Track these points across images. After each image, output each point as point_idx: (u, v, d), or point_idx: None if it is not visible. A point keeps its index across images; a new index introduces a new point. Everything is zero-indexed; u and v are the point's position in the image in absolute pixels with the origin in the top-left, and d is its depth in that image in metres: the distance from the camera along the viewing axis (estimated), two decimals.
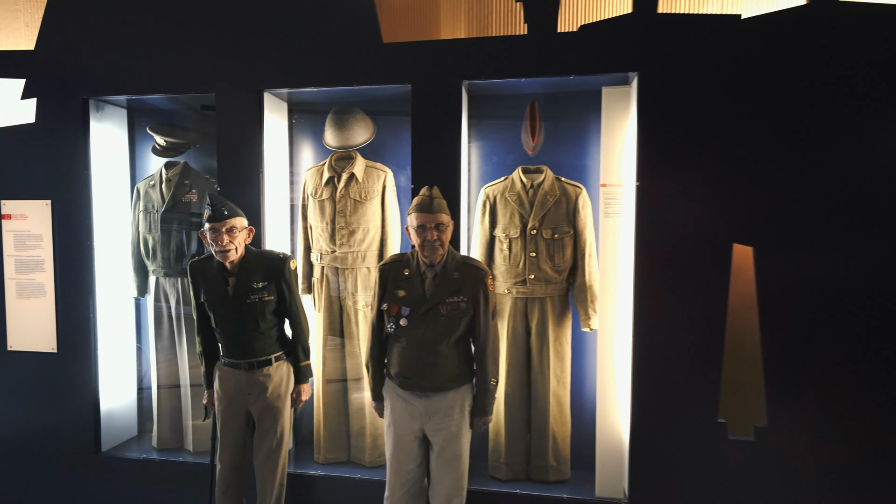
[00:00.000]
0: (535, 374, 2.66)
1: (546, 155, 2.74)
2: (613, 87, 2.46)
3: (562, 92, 2.76)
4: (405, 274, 2.15)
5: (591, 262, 2.61)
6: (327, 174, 2.80)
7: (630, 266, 2.42)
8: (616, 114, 2.46)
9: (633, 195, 2.40)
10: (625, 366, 2.50)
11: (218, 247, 2.26)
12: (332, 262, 2.83)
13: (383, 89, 2.73)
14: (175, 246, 2.96)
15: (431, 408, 2.13)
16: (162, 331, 3.08)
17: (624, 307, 2.50)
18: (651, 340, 2.39)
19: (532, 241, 2.60)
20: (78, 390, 2.97)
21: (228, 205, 2.30)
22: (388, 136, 3.00)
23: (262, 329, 2.36)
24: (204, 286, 2.37)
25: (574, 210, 2.60)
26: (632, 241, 2.40)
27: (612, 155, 2.47)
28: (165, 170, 3.02)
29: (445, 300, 2.08)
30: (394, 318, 2.14)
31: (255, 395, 2.39)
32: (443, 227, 2.07)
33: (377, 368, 2.26)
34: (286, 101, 3.00)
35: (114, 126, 3.14)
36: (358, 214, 2.78)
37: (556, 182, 2.63)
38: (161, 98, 2.98)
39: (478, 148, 2.90)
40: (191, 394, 3.05)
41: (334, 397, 2.91)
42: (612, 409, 2.56)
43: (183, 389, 3.09)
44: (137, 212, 3.05)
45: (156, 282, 3.04)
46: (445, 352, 2.11)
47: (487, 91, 2.78)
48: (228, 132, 2.76)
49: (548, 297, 2.63)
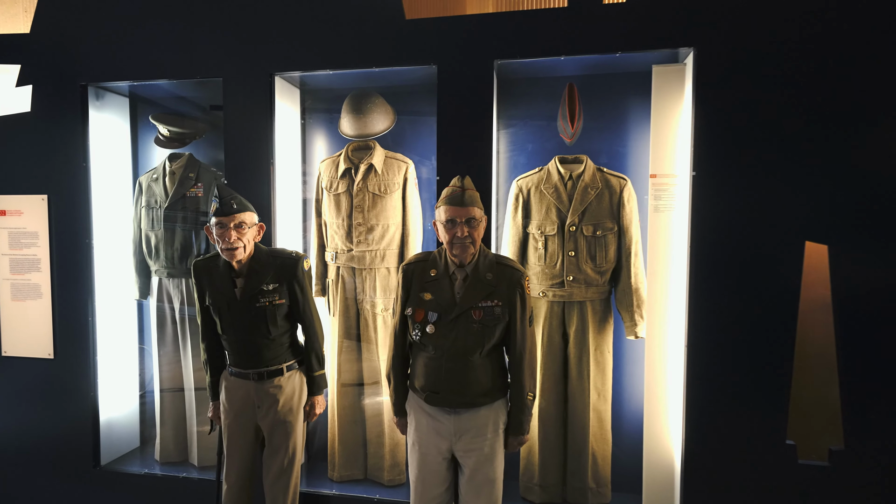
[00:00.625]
0: (573, 386, 2.40)
1: (585, 143, 2.48)
2: (665, 66, 2.19)
3: (603, 73, 2.51)
4: (432, 275, 1.91)
5: (637, 261, 2.34)
6: (343, 165, 2.56)
7: (683, 266, 2.16)
8: (668, 95, 2.20)
9: (687, 186, 2.14)
10: (676, 378, 2.23)
11: (225, 244, 2.04)
12: (349, 261, 2.59)
13: (405, 72, 2.49)
14: (179, 244, 2.74)
15: (462, 426, 1.89)
16: (165, 336, 2.87)
17: (675, 312, 2.23)
18: (707, 350, 2.12)
19: (571, 239, 2.34)
20: (76, 399, 2.78)
21: (238, 198, 2.08)
22: (409, 125, 2.76)
23: (272, 335, 2.14)
24: (209, 288, 2.15)
25: (618, 204, 2.33)
26: (685, 239, 2.15)
27: (663, 142, 2.20)
28: (169, 162, 2.80)
29: (478, 304, 1.85)
30: (419, 324, 1.90)
31: (264, 409, 2.17)
32: (475, 223, 1.84)
33: (399, 380, 2.03)
34: (298, 88, 2.77)
35: (115, 115, 2.94)
36: (377, 210, 2.54)
37: (597, 173, 2.37)
38: (165, 85, 2.77)
39: (508, 136, 2.65)
40: (195, 403, 2.83)
41: (350, 409, 2.67)
42: (662, 426, 2.29)
43: (187, 399, 2.87)
44: (139, 207, 2.84)
45: (159, 283, 2.83)
46: (478, 363, 1.87)
47: (519, 73, 2.52)
48: (236, 120, 2.54)
49: (588, 301, 2.37)
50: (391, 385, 2.05)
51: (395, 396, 2.05)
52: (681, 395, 2.18)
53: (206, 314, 2.20)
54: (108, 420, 2.90)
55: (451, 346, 1.85)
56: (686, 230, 2.14)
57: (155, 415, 2.94)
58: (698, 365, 2.13)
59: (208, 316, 2.20)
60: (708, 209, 2.10)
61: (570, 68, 2.47)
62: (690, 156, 2.11)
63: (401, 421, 2.08)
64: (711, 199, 2.09)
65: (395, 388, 2.04)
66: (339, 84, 2.74)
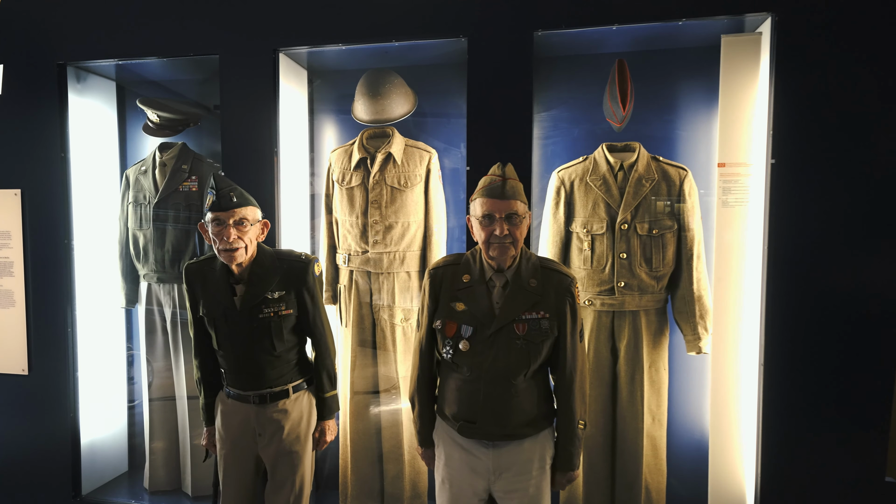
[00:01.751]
0: (624, 409, 2.09)
1: (634, 129, 2.16)
2: (736, 36, 1.88)
3: (655, 49, 2.19)
4: (464, 281, 1.61)
5: (700, 265, 2.03)
6: (358, 155, 2.25)
7: (757, 270, 1.85)
8: (739, 71, 1.89)
9: (763, 177, 1.83)
10: (749, 401, 1.92)
11: (223, 244, 1.74)
12: (364, 264, 2.27)
13: (429, 47, 2.18)
14: (171, 245, 2.43)
15: (503, 462, 1.60)
16: (155, 348, 2.55)
17: (748, 325, 1.92)
18: (787, 369, 1.81)
19: (622, 239, 2.03)
20: (53, 420, 2.49)
21: (238, 190, 1.77)
22: (431, 109, 2.44)
23: (277, 351, 1.83)
24: (204, 295, 1.84)
25: (678, 198, 2.02)
26: (760, 238, 1.84)
27: (733, 126, 1.89)
28: (159, 153, 2.49)
29: (521, 317, 1.55)
30: (451, 339, 1.60)
31: (267, 437, 1.86)
32: (517, 219, 1.54)
33: (426, 405, 1.72)
34: (305, 68, 2.46)
35: (99, 101, 2.63)
36: (396, 205, 2.22)
37: (652, 162, 2.06)
38: (156, 65, 2.45)
39: (543, 122, 2.33)
40: (188, 418, 2.51)
41: (364, 433, 2.36)
42: (731, 456, 1.97)
43: (180, 419, 2.56)
44: (126, 204, 2.53)
45: (148, 289, 2.51)
46: (522, 387, 1.58)
47: (558, 49, 2.21)
48: (235, 104, 2.23)
49: (641, 311, 2.05)
50: (415, 410, 1.74)
51: (421, 424, 1.74)
52: (754, 420, 1.87)
53: (200, 326, 1.89)
54: (91, 443, 2.59)
55: (490, 367, 1.55)
56: (762, 228, 1.84)
57: (144, 433, 2.61)
58: (776, 386, 1.82)
59: (202, 328, 1.89)
60: (789, 203, 1.79)
61: (616, 43, 2.16)
62: (768, 141, 1.80)
63: (427, 452, 1.77)
64: (793, 191, 1.79)
65: (421, 413, 1.73)
66: (352, 63, 2.42)
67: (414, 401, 1.74)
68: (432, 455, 1.76)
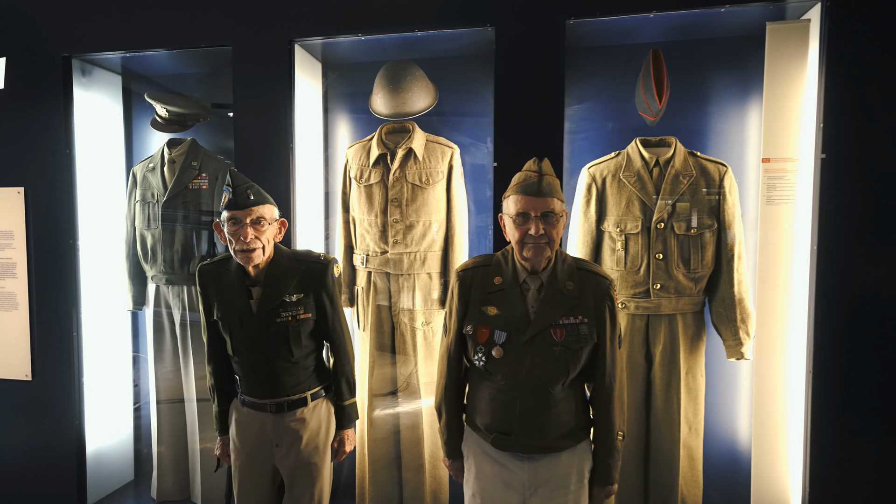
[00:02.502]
0: (659, 418, 1.98)
1: (667, 123, 2.06)
2: (783, 23, 1.77)
3: (688, 39, 2.09)
4: (496, 283, 1.51)
5: (742, 266, 1.92)
6: (377, 151, 2.14)
7: (805, 272, 1.74)
8: (785, 60, 1.78)
9: (811, 173, 1.72)
10: (795, 411, 1.81)
11: (239, 244, 1.64)
12: (383, 265, 2.16)
13: (451, 38, 2.08)
14: (180, 245, 2.33)
15: (539, 476, 1.50)
16: (163, 352, 2.45)
17: (794, 330, 1.82)
18: (837, 375, 1.71)
19: (659, 239, 1.92)
20: (58, 427, 2.39)
21: (255, 187, 1.67)
22: (451, 104, 2.34)
23: (295, 358, 1.73)
24: (218, 298, 1.74)
25: (718, 195, 1.91)
26: (808, 238, 1.73)
27: (779, 118, 1.79)
28: (168, 149, 2.39)
29: (558, 321, 1.45)
30: (483, 346, 1.50)
31: (284, 447, 1.75)
32: (553, 218, 1.44)
33: (453, 415, 1.62)
34: (320, 60, 2.36)
35: (105, 96, 2.52)
36: (417, 204, 2.11)
37: (689, 158, 1.95)
38: (164, 58, 2.35)
39: (571, 115, 2.23)
40: (198, 428, 2.41)
41: (384, 442, 2.25)
42: (776, 465, 1.86)
43: (189, 424, 2.45)
44: (133, 202, 2.42)
45: (156, 291, 2.41)
46: (560, 396, 1.48)
47: (588, 39, 2.11)
48: (248, 98, 2.13)
49: (678, 315, 1.95)
50: (442, 420, 1.64)
51: (448, 435, 1.64)
52: (801, 432, 1.76)
53: (214, 331, 1.79)
54: (97, 451, 2.49)
55: (526, 376, 1.45)
56: (810, 227, 1.73)
57: (152, 446, 2.51)
58: (825, 394, 1.72)
59: (216, 333, 1.78)
60: (840, 200, 1.69)
61: (649, 33, 2.05)
62: (817, 135, 1.70)
63: (454, 464, 1.67)
64: (844, 188, 1.68)
65: (448, 424, 1.63)
66: (369, 55, 2.32)
67: (441, 410, 1.64)
68: (460, 467, 1.66)
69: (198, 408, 2.41)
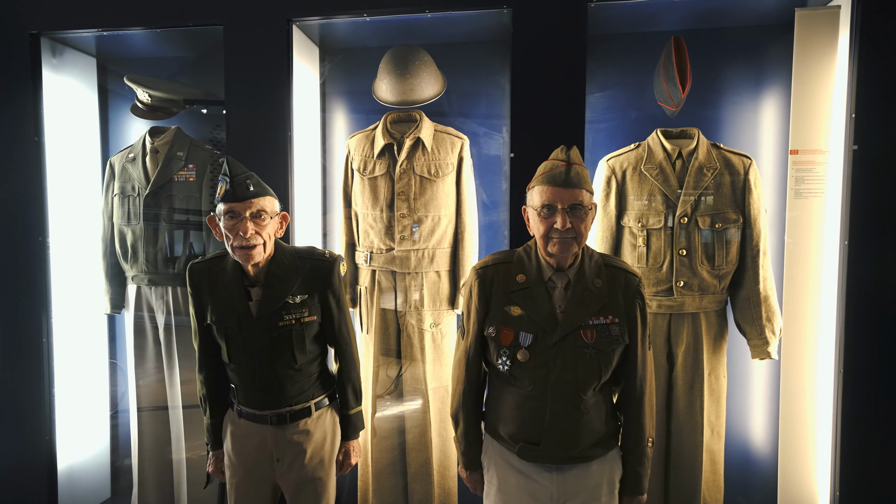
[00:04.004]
0: (681, 420, 1.90)
1: (686, 113, 1.98)
2: (813, 10, 1.71)
3: (707, 27, 2.02)
4: (519, 282, 1.41)
5: (766, 262, 1.86)
6: (382, 140, 2.00)
7: (834, 268, 1.68)
8: (815, 48, 1.71)
9: (841, 165, 1.66)
10: (824, 413, 1.76)
11: (238, 240, 1.48)
12: (388, 263, 2.03)
13: (459, 23, 1.95)
14: (165, 243, 2.15)
15: (569, 488, 1.40)
16: (146, 358, 2.26)
17: (824, 329, 1.76)
18: (868, 375, 1.66)
19: (682, 234, 1.84)
20: (26, 442, 2.19)
21: (255, 177, 1.52)
22: (457, 92, 2.21)
23: (298, 364, 1.58)
24: (212, 300, 1.58)
25: (743, 189, 1.84)
26: (837, 232, 1.68)
27: (808, 109, 1.72)
28: (150, 138, 2.20)
29: (588, 322, 1.34)
30: (507, 349, 1.39)
31: (286, 462, 1.61)
32: (581, 211, 1.34)
33: (472, 424, 1.51)
34: (317, 44, 2.20)
35: (78, 80, 2.32)
36: (426, 197, 1.98)
37: (712, 150, 1.87)
38: (144, 40, 2.16)
39: (590, 104, 2.13)
40: (184, 441, 2.22)
41: (389, 451, 2.12)
42: (804, 470, 1.80)
43: (174, 435, 2.27)
44: (110, 196, 2.23)
45: (137, 292, 2.22)
46: (592, 402, 1.38)
47: (604, 26, 2.01)
48: (242, 83, 1.96)
49: (701, 313, 1.87)
50: (459, 429, 1.52)
51: (466, 444, 1.52)
52: (829, 433, 1.71)
53: (207, 336, 1.62)
54: (70, 467, 2.28)
55: (556, 381, 1.35)
56: (839, 221, 1.67)
57: (131, 461, 2.31)
58: (855, 395, 1.66)
59: (209, 338, 1.62)
60: (872, 193, 1.64)
61: (670, 20, 1.97)
62: (848, 126, 1.64)
63: (473, 476, 1.55)
64: (877, 180, 1.63)
65: (466, 433, 1.51)
66: (370, 39, 2.18)
67: (458, 418, 1.52)
68: (479, 479, 1.54)
69: (184, 415, 2.23)
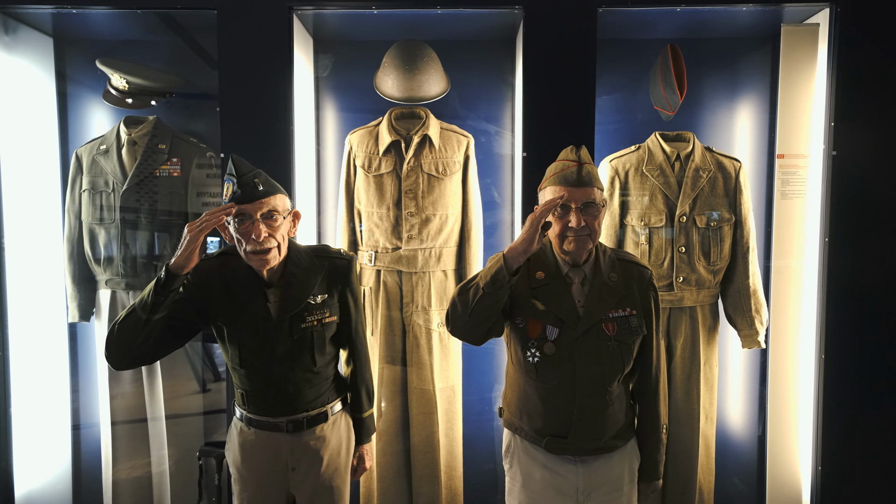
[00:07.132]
0: (679, 409, 2.00)
1: (679, 118, 2.09)
2: (796, 26, 1.86)
3: (697, 37, 2.14)
4: (539, 278, 1.43)
5: (754, 258, 2.00)
6: (388, 137, 1.95)
7: (815, 263, 1.84)
8: (799, 61, 1.87)
9: (821, 169, 1.83)
10: (806, 397, 1.92)
11: (251, 244, 1.38)
12: (394, 263, 1.98)
13: (467, 20, 1.94)
14: (145, 243, 1.97)
15: (594, 479, 1.44)
16: (120, 372, 2.06)
17: (806, 318, 1.92)
18: (847, 362, 1.83)
19: (682, 232, 1.94)
20: None
21: (263, 175, 1.42)
22: (460, 91, 2.20)
23: (318, 367, 1.52)
24: (222, 303, 1.46)
25: (734, 190, 1.97)
26: (818, 230, 1.84)
27: (792, 116, 1.87)
28: (126, 128, 2.00)
29: (609, 315, 1.40)
30: (535, 342, 1.41)
31: (303, 471, 1.53)
32: (594, 209, 1.38)
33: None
34: (312, 35, 2.11)
35: (31, 62, 2.07)
36: (434, 196, 1.96)
37: (706, 153, 1.99)
38: (109, 19, 1.96)
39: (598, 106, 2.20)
40: (167, 450, 2.05)
41: (394, 454, 2.07)
42: (790, 450, 1.96)
43: (155, 449, 2.08)
44: (78, 192, 2.01)
45: (111, 297, 2.02)
46: (615, 394, 1.42)
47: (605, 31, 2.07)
48: (238, 73, 1.83)
49: (698, 307, 1.98)
50: (462, 287, 1.35)
51: (485, 271, 1.33)
52: (812, 415, 1.87)
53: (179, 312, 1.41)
54: (27, 494, 2.03)
55: (583, 373, 1.38)
56: (819, 220, 1.84)
57: (102, 487, 2.09)
58: (834, 381, 1.83)
59: (222, 339, 1.50)
60: (849, 195, 1.80)
61: (666, 28, 2.07)
62: (827, 133, 1.80)
63: (518, 246, 1.28)
64: (854, 183, 1.80)
65: (474, 275, 1.37)
66: (368, 33, 2.12)
67: (455, 300, 1.34)
68: (529, 237, 1.27)
69: (167, 425, 2.06)
